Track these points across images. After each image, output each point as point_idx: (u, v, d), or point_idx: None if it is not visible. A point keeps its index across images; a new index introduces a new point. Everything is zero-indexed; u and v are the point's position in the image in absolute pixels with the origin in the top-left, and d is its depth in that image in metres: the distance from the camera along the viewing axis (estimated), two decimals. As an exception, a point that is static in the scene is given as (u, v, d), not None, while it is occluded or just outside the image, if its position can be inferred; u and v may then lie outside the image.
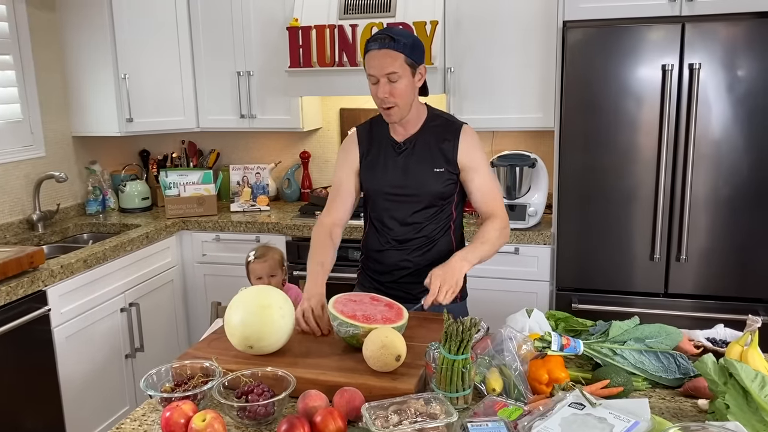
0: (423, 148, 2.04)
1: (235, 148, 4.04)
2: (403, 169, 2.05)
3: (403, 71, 1.91)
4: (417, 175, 2.04)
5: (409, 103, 1.98)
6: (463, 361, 1.42)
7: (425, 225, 2.07)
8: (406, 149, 2.05)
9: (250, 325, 1.59)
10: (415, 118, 2.05)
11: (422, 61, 1.98)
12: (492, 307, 3.07)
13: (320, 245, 2.06)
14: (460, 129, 2.06)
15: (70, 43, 3.47)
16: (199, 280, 3.54)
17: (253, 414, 1.40)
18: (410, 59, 1.92)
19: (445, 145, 2.03)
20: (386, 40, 1.89)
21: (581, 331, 1.72)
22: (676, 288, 2.81)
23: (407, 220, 2.08)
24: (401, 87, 1.92)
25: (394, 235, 2.10)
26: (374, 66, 1.91)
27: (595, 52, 2.72)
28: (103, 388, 2.95)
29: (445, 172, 2.03)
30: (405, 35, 1.92)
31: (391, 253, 2.10)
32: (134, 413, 1.50)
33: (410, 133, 2.06)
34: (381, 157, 2.09)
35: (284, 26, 3.35)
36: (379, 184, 2.09)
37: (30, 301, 2.53)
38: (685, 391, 1.50)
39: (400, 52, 1.89)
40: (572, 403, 1.34)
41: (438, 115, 2.10)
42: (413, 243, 2.07)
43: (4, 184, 3.17)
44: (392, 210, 2.10)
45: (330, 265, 2.03)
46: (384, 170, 2.08)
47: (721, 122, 2.64)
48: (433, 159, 2.03)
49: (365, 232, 2.21)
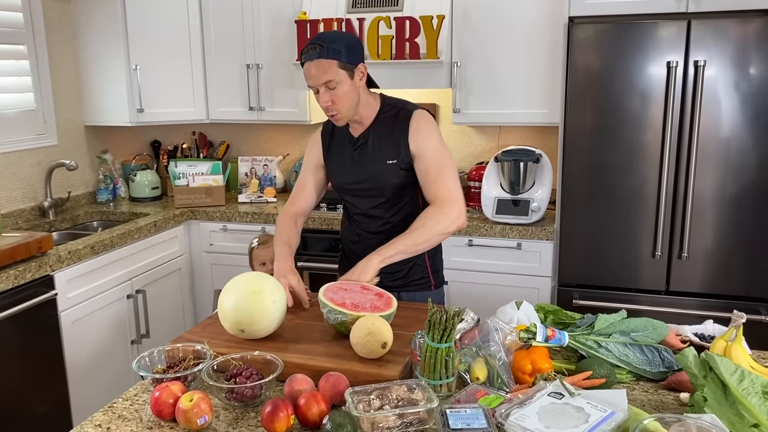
0: (375, 141, 2.05)
1: (244, 140, 4.09)
2: (358, 164, 2.08)
3: (340, 77, 1.90)
4: (371, 169, 2.05)
5: (353, 105, 1.98)
6: (447, 350, 1.44)
7: (389, 216, 2.10)
8: (361, 144, 2.07)
9: (242, 309, 1.63)
10: (367, 113, 2.05)
11: (360, 60, 1.95)
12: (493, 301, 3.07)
13: (285, 228, 2.15)
14: (410, 116, 2.02)
15: (83, 34, 3.54)
16: (206, 269, 3.59)
17: (240, 396, 1.43)
18: (345, 62, 1.90)
19: (395, 135, 2.02)
20: (317, 50, 1.88)
21: (569, 323, 1.73)
22: (677, 286, 2.81)
23: (370, 213, 2.12)
24: (341, 93, 1.92)
25: (363, 228, 2.16)
26: (310, 77, 1.92)
27: (601, 48, 2.72)
28: (108, 373, 3.01)
29: (398, 163, 2.02)
30: (337, 39, 1.90)
31: (363, 244, 2.14)
32: (126, 393, 1.54)
33: (365, 127, 2.07)
34: (340, 154, 2.13)
35: (293, 19, 3.38)
36: (340, 180, 2.15)
37: (37, 285, 2.59)
38: (668, 385, 1.51)
39: (332, 59, 1.88)
40: (552, 392, 1.36)
41: (391, 105, 2.08)
42: (381, 235, 2.09)
43: (17, 172, 3.24)
44: (356, 204, 2.15)
45: (295, 246, 2.12)
46: (342, 166, 2.12)
47: (725, 120, 2.63)
48: (385, 151, 2.03)
49: (342, 223, 2.28)
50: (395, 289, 2.05)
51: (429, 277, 2.18)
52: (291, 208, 2.22)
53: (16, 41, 3.19)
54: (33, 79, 3.29)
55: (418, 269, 2.16)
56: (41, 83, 3.34)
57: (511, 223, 3.07)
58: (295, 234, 2.15)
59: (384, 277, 1.97)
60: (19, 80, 3.22)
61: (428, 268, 2.17)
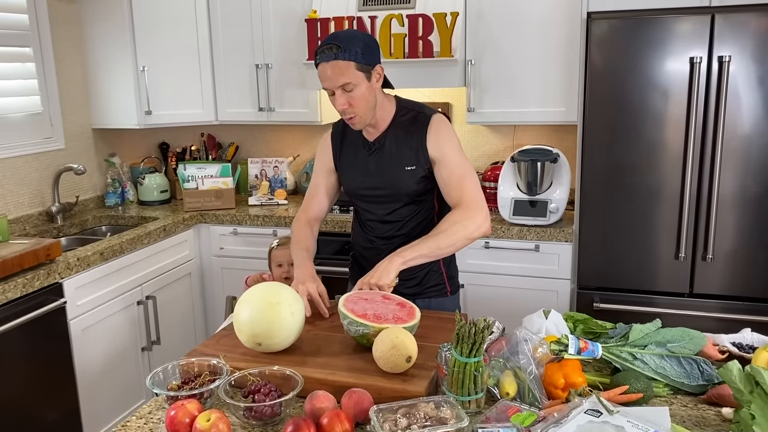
0: (392, 147, 1.97)
1: (253, 142, 4.03)
2: (375, 170, 2.00)
3: (358, 78, 1.82)
4: (389, 175, 1.98)
5: (371, 107, 1.90)
6: (476, 364, 1.37)
7: (405, 222, 2.03)
8: (376, 149, 1.99)
9: (259, 322, 1.56)
10: (383, 116, 1.97)
11: (377, 61, 1.87)
12: (510, 304, 3.03)
13: (301, 234, 2.09)
14: (428, 121, 1.95)
15: (90, 36, 3.48)
16: (217, 274, 3.53)
17: (259, 414, 1.37)
18: (362, 64, 1.82)
19: (413, 140, 1.94)
20: (334, 50, 1.79)
21: (600, 333, 1.66)
22: (701, 288, 2.73)
23: (386, 218, 2.05)
24: (358, 95, 1.84)
25: (376, 233, 2.08)
26: (326, 79, 1.83)
27: (620, 45, 2.64)
28: (119, 381, 2.96)
29: (417, 170, 1.95)
30: (353, 39, 1.82)
31: (375, 250, 2.07)
32: (141, 411, 1.48)
33: (380, 131, 1.99)
34: (354, 158, 2.05)
35: (303, 18, 3.31)
36: (354, 185, 2.07)
37: (46, 293, 2.54)
38: (709, 399, 1.44)
39: (350, 60, 1.79)
40: (589, 410, 1.28)
41: (408, 109, 2.00)
42: (395, 240, 2.02)
43: (24, 176, 3.18)
44: (370, 209, 2.08)
45: (313, 252, 2.06)
46: (357, 171, 2.04)
47: (751, 117, 2.55)
48: (403, 157, 1.95)
49: (353, 228, 2.21)
50: (410, 296, 1.98)
51: (445, 283, 2.11)
52: (304, 215, 2.16)
53: (21, 44, 3.13)
54: (39, 81, 3.23)
55: (434, 275, 2.09)
56: (48, 86, 3.28)
57: (528, 225, 3.00)
58: (311, 239, 2.09)
59: (398, 284, 1.90)
60: (25, 83, 3.16)
61: (444, 274, 2.10)
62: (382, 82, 1.93)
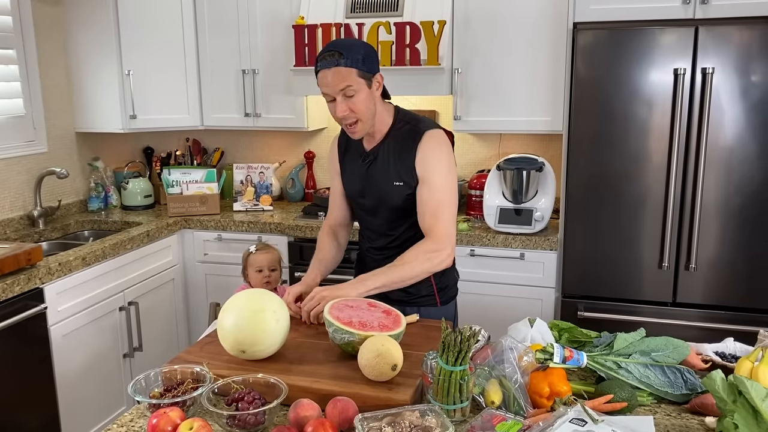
0: (385, 159, 1.96)
1: (239, 147, 4.01)
2: (367, 181, 2.00)
3: (359, 85, 1.82)
4: (377, 188, 1.98)
5: (372, 114, 1.89)
6: (461, 373, 1.37)
7: (398, 234, 2.03)
8: (371, 160, 1.99)
9: (243, 329, 1.55)
10: (380, 126, 1.96)
11: (377, 69, 1.87)
12: (495, 312, 3.03)
13: (321, 244, 2.14)
14: (419, 138, 1.91)
15: (75, 38, 3.44)
16: (200, 280, 3.50)
17: (242, 423, 1.35)
18: (364, 71, 1.82)
19: (405, 155, 1.92)
20: (336, 56, 1.79)
21: (585, 342, 1.66)
22: (684, 297, 2.75)
23: (379, 229, 2.06)
24: (359, 101, 1.83)
25: (371, 242, 2.10)
26: (327, 85, 1.82)
27: (606, 55, 2.66)
28: (100, 388, 2.91)
29: (404, 186, 1.93)
30: (354, 47, 1.82)
31: (370, 259, 2.09)
32: (122, 418, 1.46)
33: (377, 141, 1.98)
34: (354, 165, 2.05)
35: (290, 24, 3.31)
36: (352, 193, 2.09)
37: (26, 298, 2.50)
38: (692, 408, 1.44)
39: (352, 67, 1.79)
40: (574, 418, 1.28)
41: (405, 120, 1.98)
42: (388, 251, 2.02)
43: (5, 180, 3.14)
44: (365, 218, 2.09)
45: (330, 263, 2.08)
46: (355, 179, 2.05)
47: (734, 128, 2.58)
48: (392, 171, 1.94)
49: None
50: (400, 303, 1.97)
51: (434, 294, 2.10)
52: (327, 224, 2.20)
53: (4, 45, 3.09)
54: (22, 84, 3.20)
55: (424, 286, 2.08)
56: (31, 89, 3.25)
57: (513, 233, 3.01)
58: (329, 248, 2.11)
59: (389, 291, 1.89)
60: (7, 85, 3.12)
61: (433, 286, 2.09)
62: (381, 90, 1.93)
